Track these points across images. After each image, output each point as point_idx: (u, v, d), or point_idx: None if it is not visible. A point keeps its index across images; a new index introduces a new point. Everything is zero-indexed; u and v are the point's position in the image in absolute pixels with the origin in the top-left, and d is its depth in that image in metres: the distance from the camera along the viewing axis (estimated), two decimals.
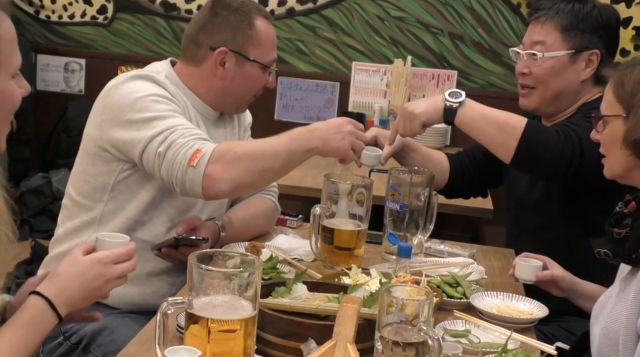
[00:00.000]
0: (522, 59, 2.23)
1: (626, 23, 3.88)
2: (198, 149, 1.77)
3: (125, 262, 1.42)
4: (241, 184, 1.80)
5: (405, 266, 1.76)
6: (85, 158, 1.97)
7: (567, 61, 2.17)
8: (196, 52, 2.01)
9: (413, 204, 1.99)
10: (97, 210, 1.95)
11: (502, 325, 1.61)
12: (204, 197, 1.80)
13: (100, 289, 1.39)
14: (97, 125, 1.92)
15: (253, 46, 2.00)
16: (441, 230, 2.36)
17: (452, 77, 4.05)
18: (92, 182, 1.95)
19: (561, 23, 2.16)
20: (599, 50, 2.16)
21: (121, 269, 1.41)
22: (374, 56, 4.15)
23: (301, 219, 2.33)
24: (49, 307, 1.33)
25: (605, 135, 1.65)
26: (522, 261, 1.86)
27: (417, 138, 2.38)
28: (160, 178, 1.82)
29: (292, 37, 4.08)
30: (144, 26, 4.31)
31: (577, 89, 2.19)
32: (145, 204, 1.94)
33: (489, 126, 2.00)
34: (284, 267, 1.83)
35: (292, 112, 4.16)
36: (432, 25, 4.08)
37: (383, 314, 1.26)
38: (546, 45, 2.17)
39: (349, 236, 1.91)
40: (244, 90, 2.04)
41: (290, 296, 1.46)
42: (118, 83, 1.92)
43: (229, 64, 1.99)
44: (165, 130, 1.81)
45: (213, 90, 2.01)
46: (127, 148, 1.86)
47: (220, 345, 1.24)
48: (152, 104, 1.86)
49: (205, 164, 1.76)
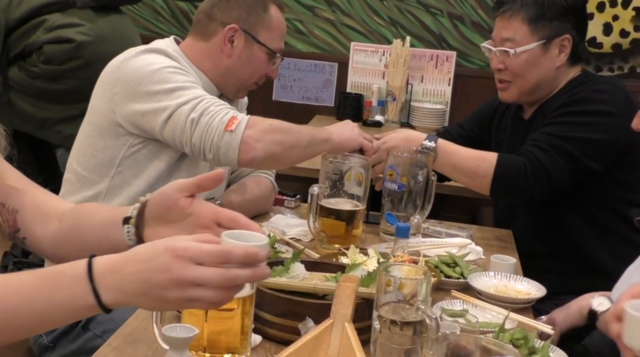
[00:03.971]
0: (495, 56, 2.23)
1: (626, 4, 3.86)
2: (234, 116, 1.82)
3: (220, 269, 0.97)
4: (274, 154, 1.84)
5: (403, 246, 1.75)
6: (92, 132, 1.96)
7: (540, 51, 2.17)
8: (207, 25, 2.03)
9: (411, 184, 1.99)
10: (102, 184, 1.95)
11: (500, 305, 1.61)
12: (239, 162, 1.83)
13: (164, 289, 0.97)
14: (109, 98, 1.91)
15: (264, 29, 2.03)
16: (439, 211, 2.37)
17: (451, 58, 4.03)
18: (99, 156, 1.94)
19: (528, 15, 2.16)
20: (569, 34, 2.16)
21: (203, 275, 0.97)
22: (372, 37, 4.13)
23: (299, 199, 2.33)
24: (88, 280, 0.99)
25: None
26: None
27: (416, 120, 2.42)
28: (191, 144, 1.83)
29: (290, 17, 4.06)
30: (142, 6, 4.28)
31: (554, 75, 2.21)
32: (152, 178, 1.94)
33: (461, 175, 2.12)
34: (282, 246, 1.83)
35: (290, 93, 4.15)
36: (432, 6, 4.05)
37: (381, 293, 1.26)
38: (516, 41, 2.17)
39: (347, 216, 1.91)
40: (248, 72, 2.05)
41: (288, 275, 1.46)
42: (129, 56, 1.92)
43: (237, 42, 2.01)
44: (193, 99, 1.84)
45: (218, 68, 2.02)
46: (146, 119, 1.86)
47: (217, 324, 1.24)
48: (171, 75, 1.88)
49: (243, 130, 1.80)
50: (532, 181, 2.04)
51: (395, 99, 3.93)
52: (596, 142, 2.08)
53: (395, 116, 3.94)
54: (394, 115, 3.94)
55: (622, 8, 3.87)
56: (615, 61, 3.93)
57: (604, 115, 2.08)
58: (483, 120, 2.45)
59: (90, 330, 1.86)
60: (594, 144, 2.08)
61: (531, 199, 2.08)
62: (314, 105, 4.19)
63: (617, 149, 2.11)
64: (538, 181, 2.04)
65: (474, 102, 2.71)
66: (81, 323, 1.88)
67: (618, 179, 2.13)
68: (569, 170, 2.06)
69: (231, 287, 1.00)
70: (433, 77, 4.05)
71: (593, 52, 3.92)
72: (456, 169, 2.11)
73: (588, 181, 2.11)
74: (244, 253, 0.99)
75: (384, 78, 4.07)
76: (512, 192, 2.10)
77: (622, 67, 3.91)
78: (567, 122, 2.10)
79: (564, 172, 2.05)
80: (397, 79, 3.93)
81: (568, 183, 2.07)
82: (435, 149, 2.06)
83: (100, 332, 1.84)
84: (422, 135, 2.11)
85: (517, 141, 2.27)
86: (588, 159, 2.07)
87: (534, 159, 2.05)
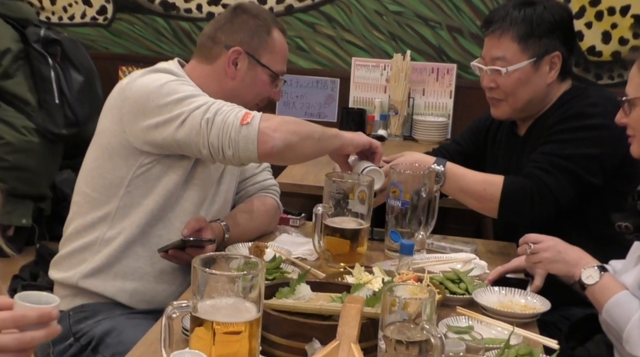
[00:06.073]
0: (486, 74, 2.25)
1: (625, 11, 3.88)
2: (247, 112, 1.85)
3: (16, 334, 1.02)
4: (291, 143, 1.85)
5: (407, 263, 1.77)
6: (101, 154, 1.98)
7: (530, 69, 2.20)
8: (212, 49, 2.05)
9: (415, 201, 2.01)
10: (111, 205, 1.96)
11: (505, 320, 1.63)
12: (258, 154, 1.83)
13: None
14: (117, 120, 1.93)
15: (267, 52, 2.06)
16: (443, 224, 2.38)
17: (451, 71, 4.05)
18: (108, 177, 1.96)
19: (517, 34, 2.18)
20: (559, 51, 2.19)
21: (0, 342, 1.00)
22: (373, 51, 4.15)
23: (304, 217, 2.34)
24: None
25: (634, 116, 1.70)
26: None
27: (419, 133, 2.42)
28: (209, 144, 1.83)
29: (291, 34, 4.08)
30: (144, 26, 4.32)
31: (545, 91, 2.23)
32: (162, 198, 1.96)
33: (469, 199, 2.15)
34: (288, 266, 1.84)
35: (293, 109, 4.17)
36: (430, 19, 4.08)
37: (386, 313, 1.27)
38: (507, 59, 2.19)
39: (351, 234, 1.92)
40: (251, 94, 2.07)
41: (294, 297, 1.48)
42: (135, 77, 1.95)
43: (241, 64, 2.04)
44: (204, 104, 1.86)
45: (222, 90, 2.04)
46: (160, 131, 1.87)
47: (225, 347, 1.26)
48: (179, 86, 1.91)
49: (258, 122, 1.82)
50: (539, 204, 2.07)
51: (397, 113, 3.95)
52: (595, 157, 2.10)
53: (398, 130, 3.96)
54: (396, 129, 3.96)
55: (621, 16, 3.88)
56: (615, 69, 3.94)
57: (599, 128, 2.10)
58: (478, 136, 2.47)
59: (99, 353, 1.88)
60: (593, 159, 2.10)
61: (539, 220, 2.10)
62: (317, 121, 4.18)
63: (616, 161, 2.12)
64: (545, 203, 2.07)
65: (476, 113, 2.72)
66: (91, 346, 1.90)
67: (617, 190, 2.14)
68: (574, 189, 2.08)
69: (28, 348, 1.05)
70: (434, 90, 4.07)
71: (592, 60, 3.94)
72: (464, 192, 2.13)
73: (590, 195, 2.12)
74: (38, 315, 1.04)
75: (385, 92, 4.09)
76: (519, 215, 2.12)
77: (622, 75, 3.92)
78: (564, 140, 2.11)
79: (569, 191, 2.08)
80: (398, 92, 3.95)
81: (575, 201, 2.10)
82: (444, 173, 2.08)
83: (109, 356, 1.86)
84: (430, 159, 2.12)
85: (512, 157, 2.29)
86: (590, 175, 2.09)
87: (539, 181, 2.07)
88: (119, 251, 1.95)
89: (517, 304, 1.73)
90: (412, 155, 2.17)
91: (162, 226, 1.97)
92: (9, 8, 3.05)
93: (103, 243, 1.96)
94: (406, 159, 2.13)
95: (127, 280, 1.96)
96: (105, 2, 4.33)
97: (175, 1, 4.26)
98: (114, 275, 1.96)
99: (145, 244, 1.97)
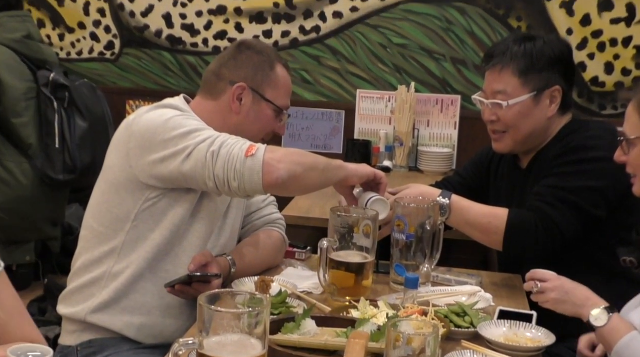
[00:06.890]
0: (487, 108, 2.28)
1: (627, 42, 3.91)
2: (252, 144, 1.87)
3: None
4: (296, 174, 1.87)
5: (412, 296, 1.78)
6: (108, 189, 2.01)
7: (531, 103, 2.23)
8: (216, 85, 2.08)
9: (419, 234, 2.02)
10: (118, 239, 1.98)
11: (510, 354, 1.63)
12: (264, 185, 1.85)
13: None
14: (124, 155, 1.96)
15: (271, 87, 2.09)
16: (449, 255, 2.39)
17: (455, 102, 4.08)
18: (115, 212, 1.98)
19: (518, 68, 2.21)
20: (559, 85, 2.22)
21: None
22: (378, 83, 4.19)
23: (309, 251, 2.35)
24: None
25: (634, 156, 1.71)
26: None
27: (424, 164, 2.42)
28: (215, 177, 1.85)
29: (296, 67, 4.13)
30: (151, 60, 4.37)
31: (546, 125, 2.26)
32: (169, 232, 1.97)
33: (474, 231, 2.17)
34: (293, 301, 1.85)
35: (299, 141, 4.20)
36: (434, 51, 4.12)
37: (390, 349, 1.29)
38: (508, 93, 2.22)
39: (356, 268, 1.93)
40: (256, 129, 2.10)
41: (299, 332, 1.49)
42: (141, 113, 1.98)
43: (245, 100, 2.07)
44: (210, 137, 1.88)
45: (227, 125, 2.06)
46: (165, 164, 1.90)
47: None
48: (185, 121, 1.94)
49: (263, 153, 1.85)
50: (544, 237, 2.08)
51: (402, 144, 3.98)
52: (598, 189, 2.12)
53: (404, 161, 3.98)
54: (402, 160, 3.98)
55: (623, 47, 3.92)
56: (619, 99, 3.97)
57: (601, 161, 2.12)
58: (480, 169, 2.49)
59: None
60: (596, 191, 2.11)
61: (543, 253, 2.11)
62: (322, 152, 4.21)
63: (618, 193, 2.14)
64: (550, 236, 2.09)
65: (481, 144, 2.74)
66: None
67: (620, 222, 2.16)
68: (578, 221, 2.10)
69: None
70: (439, 121, 4.10)
71: (596, 91, 3.96)
72: (469, 225, 2.15)
73: (594, 227, 2.14)
74: None
75: (390, 124, 4.12)
76: (524, 249, 2.13)
77: (625, 106, 3.94)
78: (567, 173, 2.13)
79: (574, 224, 2.09)
80: (403, 124, 3.98)
81: (580, 234, 2.11)
82: (450, 205, 2.10)
83: None
84: (435, 191, 2.15)
85: (516, 190, 2.30)
86: (594, 207, 2.11)
87: (543, 215, 2.08)
88: (127, 285, 1.97)
89: (523, 338, 1.73)
90: (418, 188, 2.19)
91: (169, 261, 1.98)
92: (29, 48, 3.06)
93: (110, 278, 1.98)
94: (411, 191, 2.15)
95: (135, 315, 1.97)
96: (113, 37, 4.40)
97: (182, 36, 4.31)
98: (121, 310, 1.97)
99: (152, 279, 1.98)
